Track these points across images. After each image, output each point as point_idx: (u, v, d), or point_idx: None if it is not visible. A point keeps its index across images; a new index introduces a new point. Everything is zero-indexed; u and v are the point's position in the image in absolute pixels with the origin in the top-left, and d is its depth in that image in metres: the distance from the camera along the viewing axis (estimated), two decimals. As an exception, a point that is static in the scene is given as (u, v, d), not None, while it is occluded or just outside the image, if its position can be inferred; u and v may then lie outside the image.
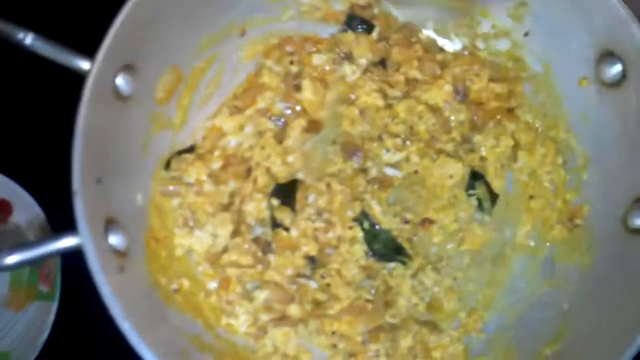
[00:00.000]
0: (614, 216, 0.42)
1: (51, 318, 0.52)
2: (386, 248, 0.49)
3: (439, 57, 0.51)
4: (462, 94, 0.49)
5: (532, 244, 0.49)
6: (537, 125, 0.49)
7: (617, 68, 0.42)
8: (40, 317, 0.52)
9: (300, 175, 0.49)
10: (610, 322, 0.39)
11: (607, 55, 0.43)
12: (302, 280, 0.47)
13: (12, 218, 0.55)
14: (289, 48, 0.51)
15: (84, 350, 0.53)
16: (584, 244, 0.45)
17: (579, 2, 0.42)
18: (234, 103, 0.51)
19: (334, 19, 0.52)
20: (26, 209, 0.54)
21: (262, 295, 0.46)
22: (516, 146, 0.49)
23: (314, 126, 0.51)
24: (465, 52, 0.50)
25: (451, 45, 0.52)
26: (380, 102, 0.50)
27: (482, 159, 0.50)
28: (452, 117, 0.49)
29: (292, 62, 0.51)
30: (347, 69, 0.50)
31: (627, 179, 0.42)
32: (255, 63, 0.52)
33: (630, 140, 0.42)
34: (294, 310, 0.46)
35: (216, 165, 0.49)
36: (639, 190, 0.41)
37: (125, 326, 0.34)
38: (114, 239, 0.39)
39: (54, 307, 0.52)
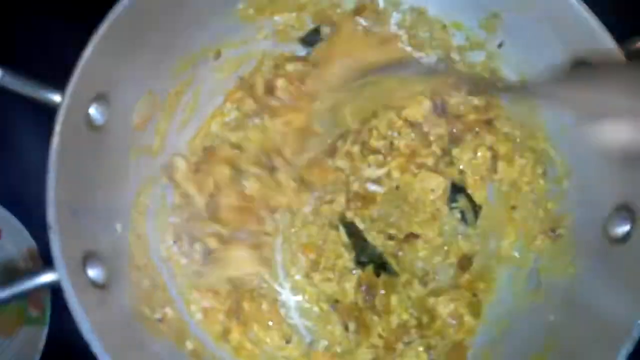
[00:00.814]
0: (596, 225, 0.42)
1: (42, 343, 0.51)
2: (373, 263, 0.49)
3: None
4: (440, 109, 0.49)
5: (516, 255, 0.49)
6: (515, 135, 0.49)
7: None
8: (30, 342, 0.51)
9: None
10: (596, 334, 0.39)
11: (580, 65, 0.43)
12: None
13: (1, 242, 0.54)
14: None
15: None
16: (568, 254, 0.45)
17: (550, 13, 0.43)
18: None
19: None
20: (15, 235, 0.54)
21: None
22: (495, 157, 0.49)
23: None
24: (441, 65, 0.51)
25: (426, 58, 0.52)
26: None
27: (462, 171, 0.50)
28: (432, 131, 0.49)
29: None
30: None
31: (607, 187, 0.42)
32: (234, 81, 0.52)
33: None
34: None
35: None
36: (618, 199, 0.41)
37: (105, 361, 0.34)
38: (93, 272, 0.38)
39: (44, 331, 0.51)
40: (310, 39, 0.51)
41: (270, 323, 0.47)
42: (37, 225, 0.53)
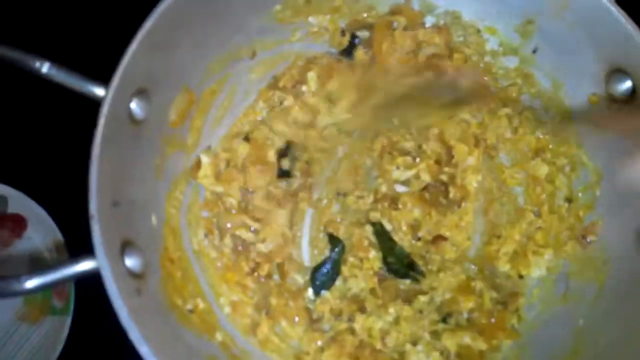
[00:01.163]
0: (628, 232, 0.42)
1: (65, 332, 0.52)
2: (400, 263, 0.49)
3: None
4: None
5: (546, 260, 0.48)
6: (548, 140, 0.49)
7: (627, 84, 0.42)
8: (54, 331, 0.53)
9: None
10: (625, 339, 0.39)
11: (617, 71, 0.43)
12: None
13: (27, 233, 0.56)
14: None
15: None
16: (599, 261, 0.45)
17: (586, 19, 0.43)
18: None
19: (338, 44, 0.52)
20: (41, 225, 0.55)
21: None
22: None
23: None
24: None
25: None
26: None
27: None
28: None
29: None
30: None
31: (638, 194, 0.42)
32: (267, 80, 0.53)
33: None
34: None
35: None
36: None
37: (144, 350, 0.34)
38: (131, 262, 0.39)
39: (67, 321, 0.53)
40: (349, 49, 0.52)
41: (297, 318, 0.48)
42: (64, 217, 0.55)
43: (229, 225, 0.48)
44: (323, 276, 0.49)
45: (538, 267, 0.47)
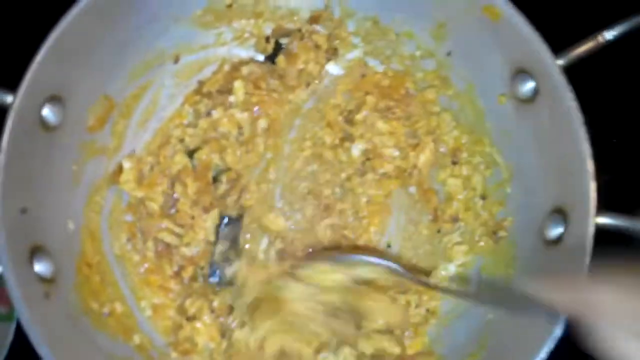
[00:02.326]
0: (533, 228, 0.44)
1: (9, 339, 0.51)
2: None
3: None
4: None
5: (461, 255, 0.49)
6: (463, 140, 0.51)
7: (530, 85, 0.44)
8: None
9: None
10: (524, 333, 0.40)
11: (521, 73, 0.44)
12: None
13: None
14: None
15: None
16: (508, 256, 0.46)
17: (491, 23, 0.44)
18: None
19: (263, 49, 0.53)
20: None
21: None
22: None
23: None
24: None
25: (381, 66, 0.53)
26: None
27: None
28: None
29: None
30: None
31: (544, 191, 0.44)
32: (193, 85, 0.52)
33: (544, 154, 0.44)
34: None
35: None
36: (553, 203, 0.42)
37: (43, 351, 0.35)
38: (40, 267, 0.40)
39: (12, 327, 0.52)
40: (273, 55, 0.53)
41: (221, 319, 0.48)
42: None
43: (151, 229, 0.49)
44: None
45: (453, 262, 0.48)
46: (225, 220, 0.51)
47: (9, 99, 0.39)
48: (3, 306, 0.54)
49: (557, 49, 0.42)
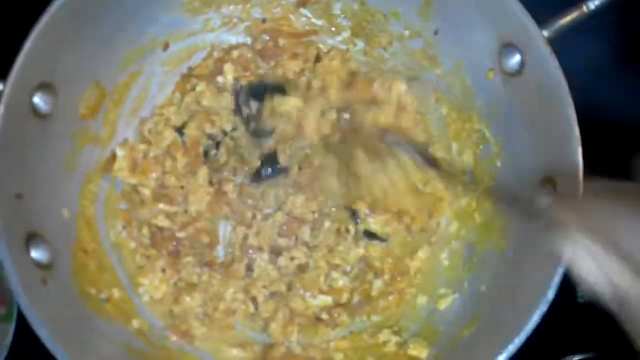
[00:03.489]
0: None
1: (8, 339, 0.52)
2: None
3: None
4: None
5: (454, 231, 0.51)
6: (453, 118, 0.51)
7: (516, 58, 0.44)
8: None
9: None
10: (517, 300, 0.41)
11: (507, 47, 0.45)
12: None
13: None
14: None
15: None
16: (500, 229, 0.46)
17: (476, -1, 0.45)
18: None
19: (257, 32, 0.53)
20: None
21: None
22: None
23: None
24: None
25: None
26: None
27: None
28: None
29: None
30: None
31: (533, 162, 0.44)
32: (184, 71, 0.53)
33: (532, 125, 0.44)
34: None
35: None
36: (542, 174, 0.43)
37: (42, 333, 0.35)
38: (37, 253, 0.40)
39: (10, 328, 0.52)
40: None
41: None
42: None
43: (145, 215, 0.49)
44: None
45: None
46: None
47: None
48: (1, 307, 0.54)
49: (542, 20, 0.43)
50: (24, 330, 0.51)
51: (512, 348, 0.36)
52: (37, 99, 0.42)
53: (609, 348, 0.53)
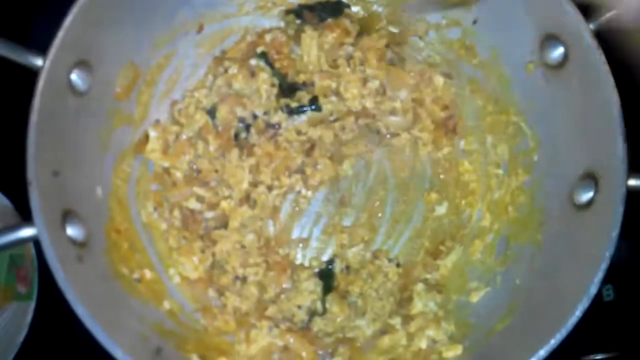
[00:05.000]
0: (562, 194, 0.43)
1: (29, 317, 0.53)
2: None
3: None
4: None
5: (487, 224, 0.50)
6: (489, 111, 0.51)
7: (559, 51, 0.44)
8: (18, 316, 0.53)
9: None
10: (556, 295, 0.40)
11: (550, 39, 0.44)
12: None
13: None
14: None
15: (62, 348, 0.53)
16: (536, 222, 0.46)
17: (520, -11, 0.44)
18: None
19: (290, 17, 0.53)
20: None
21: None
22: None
23: None
24: None
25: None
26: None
27: None
28: None
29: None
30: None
31: (573, 157, 0.44)
32: (217, 54, 0.53)
33: (573, 120, 0.44)
34: None
35: None
36: (583, 168, 0.42)
37: (80, 310, 0.35)
38: (72, 230, 0.40)
39: (31, 306, 0.53)
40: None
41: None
42: (13, 186, 0.53)
43: (176, 197, 0.49)
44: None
45: None
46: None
47: (39, 62, 0.39)
48: (22, 286, 0.55)
49: (588, 12, 0.42)
50: (44, 309, 0.53)
51: (554, 343, 0.36)
52: (74, 76, 0.42)
53: (631, 348, 0.52)
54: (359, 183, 0.53)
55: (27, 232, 0.37)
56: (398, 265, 0.51)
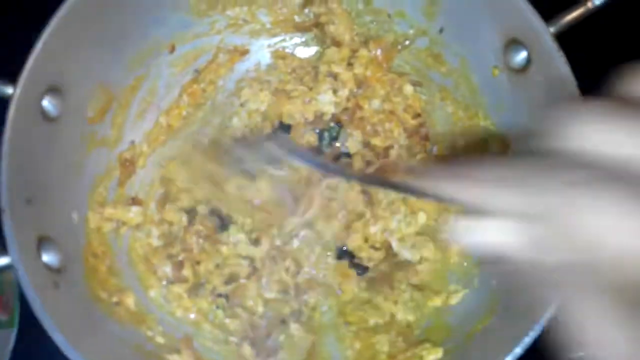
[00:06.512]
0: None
1: (10, 346, 0.52)
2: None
3: None
4: None
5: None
6: (460, 117, 0.52)
7: (522, 54, 0.44)
8: None
9: None
10: (530, 294, 0.40)
11: (513, 43, 0.45)
12: None
13: None
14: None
15: None
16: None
17: (481, -4, 0.45)
18: None
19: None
20: None
21: None
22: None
23: None
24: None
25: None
26: None
27: None
28: None
29: None
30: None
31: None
32: (190, 74, 0.53)
33: (540, 121, 0.44)
34: None
35: None
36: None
37: (58, 338, 0.35)
38: (48, 257, 0.40)
39: (13, 334, 0.52)
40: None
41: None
42: None
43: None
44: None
45: None
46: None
47: (9, 90, 0.39)
48: (3, 313, 0.54)
49: (548, 16, 0.43)
50: (26, 336, 0.52)
51: (527, 340, 0.36)
52: (46, 103, 0.42)
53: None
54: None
55: (1, 261, 0.37)
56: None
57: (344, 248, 0.51)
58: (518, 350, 0.36)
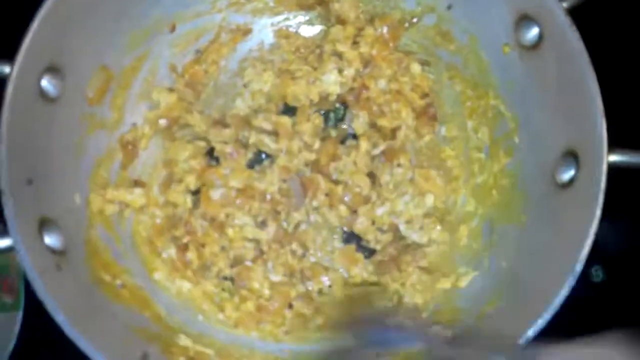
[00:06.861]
0: (544, 174, 0.43)
1: (17, 328, 0.51)
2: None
3: None
4: None
5: (472, 209, 0.50)
6: (469, 96, 0.50)
7: (535, 31, 0.43)
8: (5, 328, 0.52)
9: None
10: (542, 275, 0.40)
11: (524, 19, 0.44)
12: None
13: None
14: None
15: (52, 358, 0.52)
16: (520, 204, 0.46)
17: (492, -31, 0.44)
18: None
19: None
20: None
21: None
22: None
23: None
24: None
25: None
26: None
27: None
28: None
29: None
30: None
31: (553, 136, 0.43)
32: (191, 54, 0.52)
33: (552, 99, 0.43)
34: None
35: None
36: (564, 146, 0.42)
37: (60, 319, 0.35)
38: (50, 239, 0.39)
39: (19, 316, 0.52)
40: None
41: None
42: None
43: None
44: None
45: None
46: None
47: (6, 69, 0.38)
48: (8, 296, 0.54)
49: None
50: (32, 319, 0.52)
51: (541, 322, 0.36)
52: (45, 82, 0.41)
53: (621, 329, 0.52)
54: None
55: (2, 242, 0.36)
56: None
57: (351, 231, 0.51)
58: (530, 333, 0.36)
